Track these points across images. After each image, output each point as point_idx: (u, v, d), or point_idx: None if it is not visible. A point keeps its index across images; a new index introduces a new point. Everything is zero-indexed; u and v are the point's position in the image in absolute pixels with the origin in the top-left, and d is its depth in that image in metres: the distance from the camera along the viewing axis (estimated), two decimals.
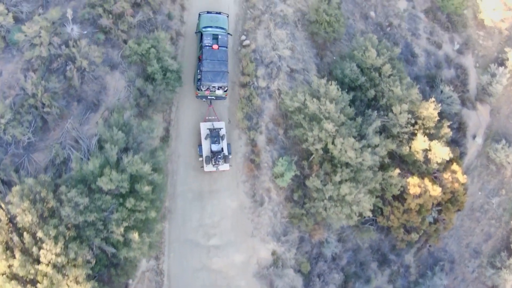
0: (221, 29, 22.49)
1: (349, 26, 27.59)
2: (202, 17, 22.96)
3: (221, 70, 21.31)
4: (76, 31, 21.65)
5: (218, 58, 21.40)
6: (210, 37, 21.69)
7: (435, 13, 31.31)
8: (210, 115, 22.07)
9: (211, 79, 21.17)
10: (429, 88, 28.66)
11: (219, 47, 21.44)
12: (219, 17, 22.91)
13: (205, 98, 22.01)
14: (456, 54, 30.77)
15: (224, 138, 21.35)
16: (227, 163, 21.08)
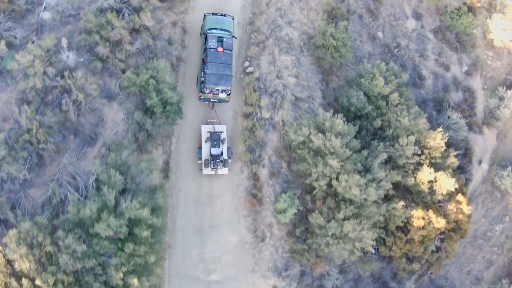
0: (226, 31, 21.98)
1: (356, 48, 26.72)
2: (207, 18, 22.40)
3: (225, 73, 20.91)
4: (72, 58, 20.78)
5: (222, 61, 20.99)
6: (215, 40, 21.27)
7: (443, 32, 30.40)
8: (212, 118, 21.69)
9: (214, 82, 20.80)
10: (436, 112, 28.01)
11: (224, 50, 21.07)
12: (224, 19, 22.42)
13: (208, 101, 21.66)
14: (464, 76, 30.01)
15: (224, 142, 21.03)
16: (226, 167, 20.80)
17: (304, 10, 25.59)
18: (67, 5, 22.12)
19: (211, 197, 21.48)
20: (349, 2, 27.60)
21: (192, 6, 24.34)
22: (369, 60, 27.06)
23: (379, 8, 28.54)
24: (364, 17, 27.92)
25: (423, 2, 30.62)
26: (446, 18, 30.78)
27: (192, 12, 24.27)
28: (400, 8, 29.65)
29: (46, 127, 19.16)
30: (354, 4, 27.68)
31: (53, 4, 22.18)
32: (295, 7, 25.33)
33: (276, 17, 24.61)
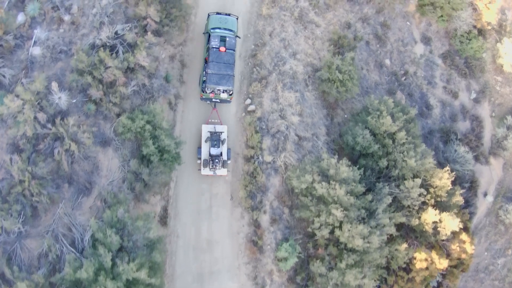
0: (230, 31, 21.68)
1: (362, 78, 25.74)
2: (211, 17, 22.02)
3: (227, 73, 20.70)
4: (64, 99, 19.77)
5: (224, 61, 20.76)
6: (217, 39, 21.01)
7: (452, 57, 29.34)
8: (214, 118, 21.38)
9: (216, 82, 20.60)
10: (443, 144, 27.32)
11: (226, 50, 20.88)
12: (228, 18, 22.03)
13: (209, 101, 21.46)
14: (473, 104, 29.17)
15: (224, 143, 20.80)
16: (225, 168, 20.61)
17: (309, 39, 24.47)
18: (58, 39, 20.98)
19: (211, 243, 20.96)
20: (356, 27, 26.44)
21: (191, 38, 23.18)
22: (376, 90, 26.15)
23: (387, 34, 27.40)
24: (372, 44, 26.81)
25: (432, 25, 29.45)
26: (455, 42, 29.69)
27: (190, 43, 23.14)
28: (408, 33, 28.51)
29: (39, 178, 18.40)
30: (361, 30, 26.53)
31: (43, 38, 21.03)
32: (299, 36, 24.20)
33: (280, 48, 23.51)
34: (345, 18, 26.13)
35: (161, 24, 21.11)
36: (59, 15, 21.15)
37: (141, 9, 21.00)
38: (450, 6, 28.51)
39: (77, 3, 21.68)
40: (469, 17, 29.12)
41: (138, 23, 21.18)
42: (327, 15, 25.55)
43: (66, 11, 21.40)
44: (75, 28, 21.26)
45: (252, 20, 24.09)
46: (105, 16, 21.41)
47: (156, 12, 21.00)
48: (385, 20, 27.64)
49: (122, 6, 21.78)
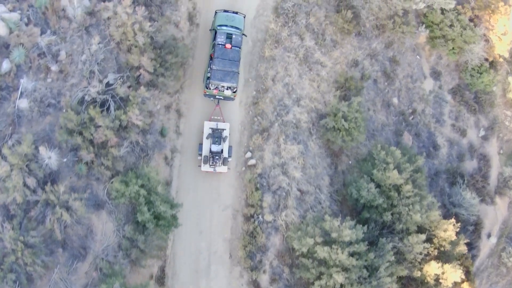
0: (236, 29, 21.75)
1: (369, 120, 24.77)
2: (218, 15, 22.14)
3: (232, 70, 20.74)
4: (54, 159, 18.79)
5: (229, 58, 20.82)
6: (223, 36, 21.11)
7: (462, 93, 28.34)
8: (216, 115, 21.33)
9: (220, 78, 20.63)
10: (449, 185, 26.72)
11: (232, 47, 20.95)
12: (235, 16, 22.13)
13: (213, 97, 21.42)
14: (481, 141, 28.42)
15: (226, 140, 20.79)
16: (225, 166, 20.60)
17: (314, 82, 23.35)
18: (45, 91, 19.78)
19: None
20: (364, 65, 25.27)
21: (188, 84, 22.03)
22: (383, 131, 25.26)
23: (395, 70, 26.25)
24: (379, 81, 25.71)
25: (442, 58, 28.27)
26: (465, 76, 28.62)
27: (188, 89, 22.00)
28: (418, 67, 27.35)
29: (32, 247, 17.71)
30: (369, 67, 25.37)
31: (30, 89, 19.81)
32: (304, 79, 23.07)
33: (283, 95, 22.44)
34: (353, 56, 24.92)
35: (155, 74, 19.92)
36: (46, 64, 19.92)
37: (134, 58, 19.74)
38: (462, 39, 27.26)
39: (65, 49, 20.35)
40: (481, 50, 27.98)
41: (130, 72, 19.96)
42: (334, 53, 24.33)
43: (53, 59, 20.10)
44: (63, 77, 20.03)
45: (254, 63, 22.87)
46: (95, 63, 20.15)
47: (149, 61, 19.74)
48: (394, 55, 26.44)
49: (114, 52, 20.50)
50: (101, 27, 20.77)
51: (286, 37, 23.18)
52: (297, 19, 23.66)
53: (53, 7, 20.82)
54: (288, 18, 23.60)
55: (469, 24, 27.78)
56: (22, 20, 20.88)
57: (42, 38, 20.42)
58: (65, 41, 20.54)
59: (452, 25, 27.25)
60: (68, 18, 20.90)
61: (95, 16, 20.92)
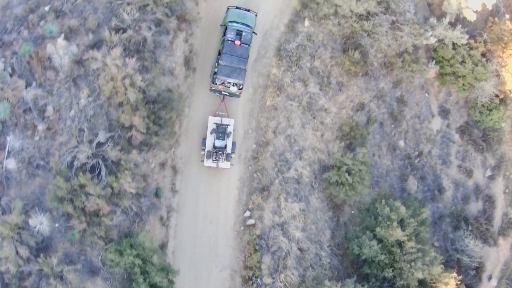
0: (247, 26, 21.80)
1: (373, 165, 23.98)
2: (230, 11, 22.24)
3: (239, 67, 20.83)
4: (45, 224, 18.05)
5: (238, 55, 20.89)
6: (234, 32, 21.25)
7: (470, 131, 27.46)
8: (221, 111, 21.43)
9: (227, 74, 20.70)
10: (452, 229, 26.26)
11: (241, 44, 21.06)
12: (247, 14, 22.21)
13: (218, 93, 21.46)
14: (487, 181, 27.78)
15: (230, 136, 20.83)
16: (228, 161, 20.62)
17: (318, 131, 22.37)
18: (33, 150, 18.76)
19: None
20: (370, 108, 24.23)
21: (185, 134, 21.00)
22: (387, 177, 24.51)
23: (403, 111, 25.23)
24: (386, 124, 24.74)
25: (451, 95, 27.22)
26: (475, 113, 27.67)
27: (184, 141, 21.00)
28: (426, 106, 26.33)
29: None
30: (375, 110, 24.34)
31: (17, 147, 18.80)
32: (307, 129, 22.08)
33: (284, 148, 21.50)
34: (359, 99, 23.84)
35: (149, 133, 18.86)
36: (33, 121, 18.81)
37: (125, 117, 18.62)
38: (473, 76, 26.15)
39: (52, 103, 19.18)
40: (492, 87, 26.94)
41: (122, 132, 18.82)
42: (339, 98, 23.23)
43: (40, 115, 18.94)
44: (51, 135, 18.95)
45: (254, 112, 21.80)
46: (84, 120, 19.03)
47: (142, 120, 18.57)
48: (402, 95, 25.35)
49: (104, 107, 19.33)
50: (90, 78, 19.53)
51: (289, 84, 22.04)
52: (301, 63, 22.44)
53: (38, 56, 19.55)
54: (291, 62, 22.37)
55: (481, 60, 26.61)
56: (6, 70, 19.66)
57: (28, 91, 19.24)
58: (52, 95, 19.36)
59: (464, 61, 26.07)
60: (54, 69, 19.63)
61: (83, 66, 19.63)
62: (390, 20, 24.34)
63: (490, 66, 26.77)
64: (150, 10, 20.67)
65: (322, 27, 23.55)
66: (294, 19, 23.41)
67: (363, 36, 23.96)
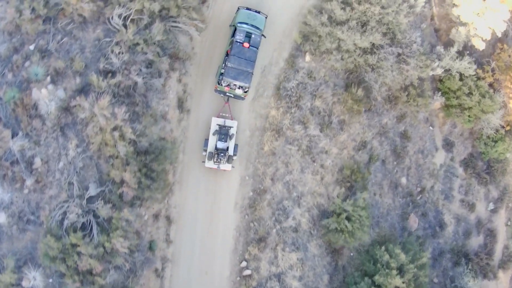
0: (257, 28, 21.66)
1: (374, 205, 23.44)
2: (240, 11, 22.09)
3: (246, 70, 20.64)
4: (39, 280, 17.64)
5: (246, 57, 20.71)
6: (243, 34, 21.05)
7: (474, 164, 26.84)
8: (225, 112, 21.32)
9: (233, 77, 20.52)
10: (452, 265, 25.98)
11: (250, 46, 20.88)
12: (257, 16, 22.01)
13: (223, 94, 21.29)
14: (489, 214, 27.37)
15: (232, 138, 20.75)
16: (229, 164, 20.58)
17: (318, 175, 21.71)
18: (23, 204, 18.12)
19: None
20: (372, 145, 23.50)
21: (179, 181, 20.30)
22: (388, 216, 24.02)
23: (406, 147, 24.51)
24: (388, 161, 24.07)
25: (457, 127, 26.45)
26: (479, 145, 26.99)
27: (179, 189, 20.30)
28: (430, 140, 25.60)
29: None
30: (378, 147, 23.62)
31: (7, 201, 18.16)
32: (306, 173, 21.40)
33: (282, 195, 20.87)
34: (361, 137, 23.08)
35: (141, 187, 18.18)
36: (20, 174, 18.10)
37: (116, 173, 17.90)
38: (480, 108, 25.33)
39: (40, 154, 18.39)
40: (499, 119, 26.17)
41: (113, 186, 18.10)
42: (341, 137, 22.47)
43: (28, 168, 18.19)
44: (41, 188, 18.26)
45: (251, 157, 21.04)
46: (74, 173, 18.31)
47: (133, 175, 17.82)
48: (406, 130, 24.59)
49: (94, 158, 18.57)
50: (78, 127, 18.68)
51: (288, 127, 21.23)
52: (301, 103, 21.57)
53: (24, 103, 18.65)
54: (291, 103, 21.50)
55: (488, 91, 25.73)
56: None
57: (14, 142, 18.41)
58: (39, 145, 18.57)
59: (471, 93, 25.21)
60: (41, 117, 18.75)
61: (71, 114, 18.75)
62: (396, 52, 23.32)
63: (497, 98, 25.93)
64: (141, 50, 19.66)
65: (324, 62, 22.57)
66: (294, 54, 22.39)
67: (367, 70, 23.00)
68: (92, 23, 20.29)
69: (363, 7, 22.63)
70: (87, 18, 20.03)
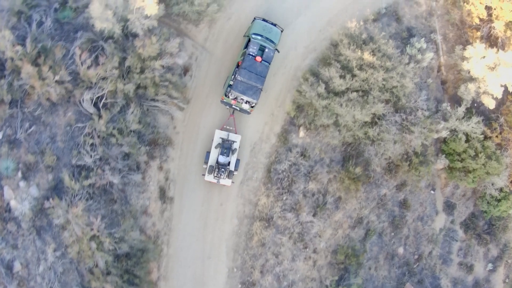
0: (271, 42, 21.13)
1: (369, 279, 22.59)
2: (256, 22, 21.54)
3: (256, 85, 20.03)
4: None
5: (257, 72, 20.10)
6: (256, 47, 20.50)
7: (475, 224, 25.82)
8: (229, 125, 20.88)
9: (242, 91, 19.95)
10: None
11: (262, 61, 20.31)
12: (273, 28, 21.50)
13: (229, 106, 20.80)
14: (487, 274, 26.71)
15: (235, 153, 20.37)
16: (229, 179, 20.16)
17: (310, 260, 20.61)
18: None
19: None
20: (369, 220, 22.27)
21: (164, 276, 19.07)
22: None
23: (405, 217, 23.34)
24: (385, 233, 22.97)
25: (459, 188, 25.12)
26: (482, 204, 25.80)
27: (164, 285, 19.12)
28: (431, 204, 24.38)
29: None
30: (375, 220, 22.41)
31: None
32: (298, 261, 20.29)
33: (272, 287, 19.82)
34: (357, 213, 21.82)
35: None
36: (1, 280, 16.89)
37: (96, 284, 16.70)
38: (485, 170, 23.93)
39: (19, 258, 17.29)
40: (505, 181, 24.84)
41: None
42: (336, 216, 21.20)
43: (8, 273, 17.04)
44: None
45: (239, 247, 19.77)
46: (55, 277, 17.18)
47: (114, 285, 16.75)
48: (406, 198, 23.31)
49: (74, 262, 17.31)
50: (55, 229, 17.34)
51: (279, 215, 19.87)
52: (293, 188, 20.06)
53: None
54: (282, 188, 19.99)
55: (495, 152, 24.22)
56: None
57: None
58: (17, 249, 17.36)
59: (476, 155, 23.69)
60: (15, 220, 17.40)
61: (46, 216, 17.31)
62: (399, 121, 21.51)
63: (504, 159, 24.47)
64: (116, 142, 17.81)
65: (319, 136, 20.84)
66: (287, 129, 20.63)
67: (367, 144, 21.34)
68: (62, 105, 18.42)
69: (364, 74, 20.58)
70: (55, 101, 18.03)
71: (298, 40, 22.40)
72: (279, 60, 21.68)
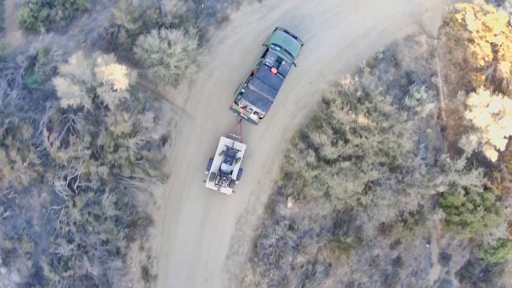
0: (289, 54, 20.87)
1: None
2: (277, 32, 21.43)
3: (267, 97, 19.83)
4: None
5: (270, 83, 19.87)
6: (274, 58, 20.25)
7: (471, 273, 25.41)
8: (235, 133, 20.81)
9: (252, 101, 19.75)
10: None
11: (277, 73, 20.05)
12: (293, 41, 21.31)
13: (237, 113, 20.71)
14: None
15: (238, 162, 20.45)
16: (230, 188, 20.02)
17: None
18: None
19: None
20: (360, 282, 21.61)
21: None
22: None
23: (398, 274, 22.73)
24: None
25: (455, 239, 24.35)
26: (479, 252, 25.16)
27: None
28: (426, 258, 23.72)
29: None
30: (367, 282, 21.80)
31: None
32: None
33: None
34: (348, 277, 21.17)
35: None
36: None
37: None
38: (483, 222, 23.10)
39: None
40: (503, 231, 24.02)
41: None
42: (325, 284, 20.56)
43: None
44: None
45: None
46: None
47: None
48: (399, 257, 22.64)
49: None
50: None
51: None
52: (280, 263, 19.23)
53: None
54: (269, 264, 19.22)
55: (494, 204, 23.28)
56: None
57: None
58: None
59: (475, 209, 22.76)
60: None
61: None
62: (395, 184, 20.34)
63: (503, 210, 23.56)
64: (92, 230, 16.83)
65: (309, 205, 19.80)
66: (274, 199, 19.65)
67: (359, 211, 20.31)
68: (36, 185, 17.52)
69: (358, 140, 19.22)
70: (28, 185, 16.96)
71: (287, 94, 20.94)
72: (266, 119, 20.27)
